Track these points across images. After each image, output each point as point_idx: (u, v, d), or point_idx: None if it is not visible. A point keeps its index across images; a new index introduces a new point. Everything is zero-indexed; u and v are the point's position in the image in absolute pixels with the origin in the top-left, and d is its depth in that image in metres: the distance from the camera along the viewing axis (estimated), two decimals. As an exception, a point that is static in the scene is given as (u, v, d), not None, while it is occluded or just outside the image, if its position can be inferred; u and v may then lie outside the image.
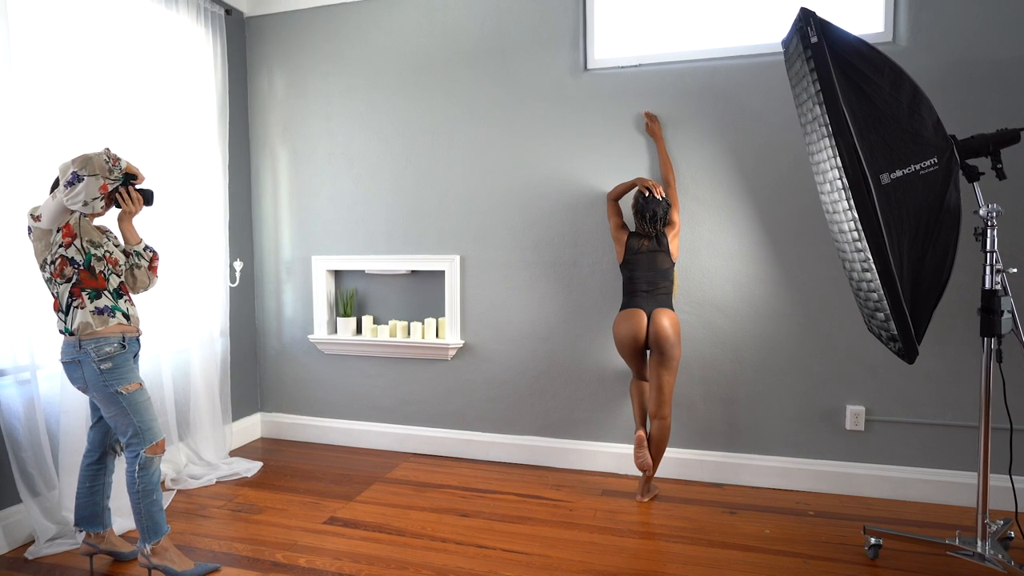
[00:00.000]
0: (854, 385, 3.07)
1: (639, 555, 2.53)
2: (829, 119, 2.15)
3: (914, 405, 3.00)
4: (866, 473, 3.06)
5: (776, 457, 3.19)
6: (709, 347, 3.25)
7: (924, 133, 2.16)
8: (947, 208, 2.14)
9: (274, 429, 4.10)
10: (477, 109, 3.54)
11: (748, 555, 2.50)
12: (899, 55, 2.82)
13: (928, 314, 2.20)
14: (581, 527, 2.77)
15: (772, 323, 3.16)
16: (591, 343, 3.42)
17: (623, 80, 3.29)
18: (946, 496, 2.94)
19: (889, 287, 2.14)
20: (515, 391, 3.58)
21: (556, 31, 3.37)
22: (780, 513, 2.89)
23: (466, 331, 3.65)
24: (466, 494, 3.15)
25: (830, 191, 2.41)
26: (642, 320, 2.95)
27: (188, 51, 3.38)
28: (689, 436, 3.30)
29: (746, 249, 3.18)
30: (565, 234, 3.43)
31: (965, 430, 2.90)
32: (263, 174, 4.00)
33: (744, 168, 3.15)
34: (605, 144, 3.34)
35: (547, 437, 3.55)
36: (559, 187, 3.42)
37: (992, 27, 2.81)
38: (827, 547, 2.55)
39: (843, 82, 2.14)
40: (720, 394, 3.26)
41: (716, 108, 3.17)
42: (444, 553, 2.54)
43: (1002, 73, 2.80)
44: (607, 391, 3.42)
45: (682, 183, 3.22)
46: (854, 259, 2.37)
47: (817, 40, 2.14)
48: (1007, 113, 2.67)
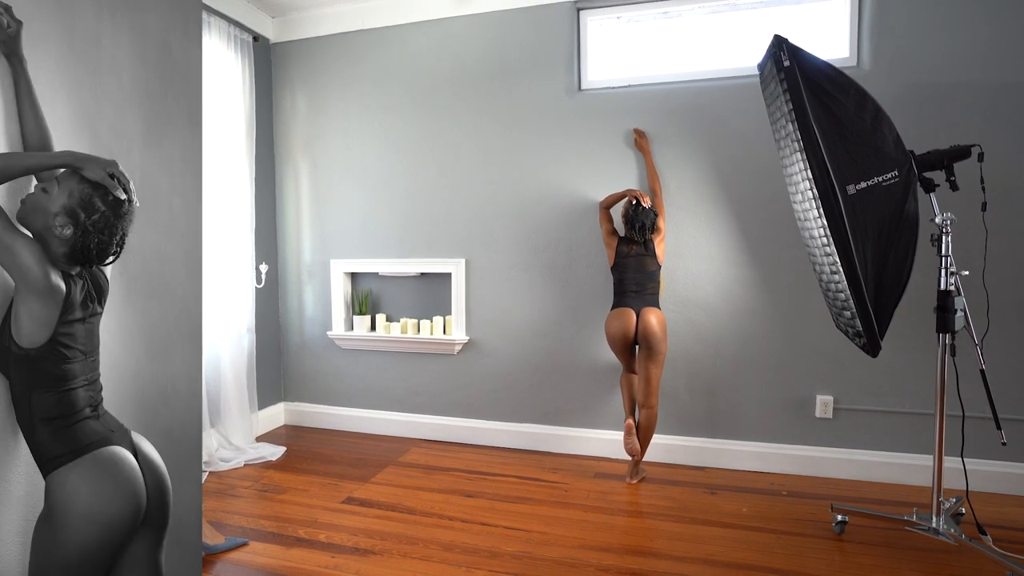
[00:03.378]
0: (823, 377, 3.09)
1: (629, 531, 2.54)
2: (800, 135, 2.16)
3: (877, 395, 3.02)
4: (833, 457, 3.07)
5: (753, 442, 3.20)
6: (692, 343, 3.26)
7: (886, 148, 2.17)
8: (907, 216, 2.15)
9: (296, 417, 4.11)
10: (481, 125, 3.55)
11: (727, 531, 2.51)
12: (863, 78, 2.84)
13: (890, 312, 2.21)
14: (576, 506, 2.77)
15: (749, 320, 3.18)
16: (585, 339, 3.44)
17: (614, 99, 3.31)
18: (905, 477, 2.95)
19: (855, 288, 2.15)
20: (515, 383, 3.59)
21: (553, 54, 3.39)
22: (756, 493, 2.90)
23: (471, 328, 3.66)
24: (471, 476, 3.16)
25: (801, 200, 2.42)
26: (631, 318, 2.97)
27: (220, 74, 3.40)
28: (674, 424, 3.31)
29: (726, 253, 3.20)
30: (561, 239, 3.44)
31: (922, 417, 2.91)
32: (286, 185, 4.01)
33: (724, 179, 3.17)
34: (598, 157, 3.35)
35: (545, 425, 3.56)
36: (556, 196, 3.44)
37: (945, 54, 2.83)
38: (798, 524, 2.57)
39: (813, 102, 2.14)
40: (702, 385, 3.27)
41: (698, 125, 3.18)
42: (451, 530, 2.55)
43: (954, 95, 2.83)
44: (599, 383, 3.43)
45: (668, 193, 3.24)
46: (823, 262, 2.38)
47: (789, 64, 2.16)
48: (959, 131, 2.69)
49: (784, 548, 2.36)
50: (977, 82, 2.80)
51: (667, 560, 2.29)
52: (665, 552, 2.35)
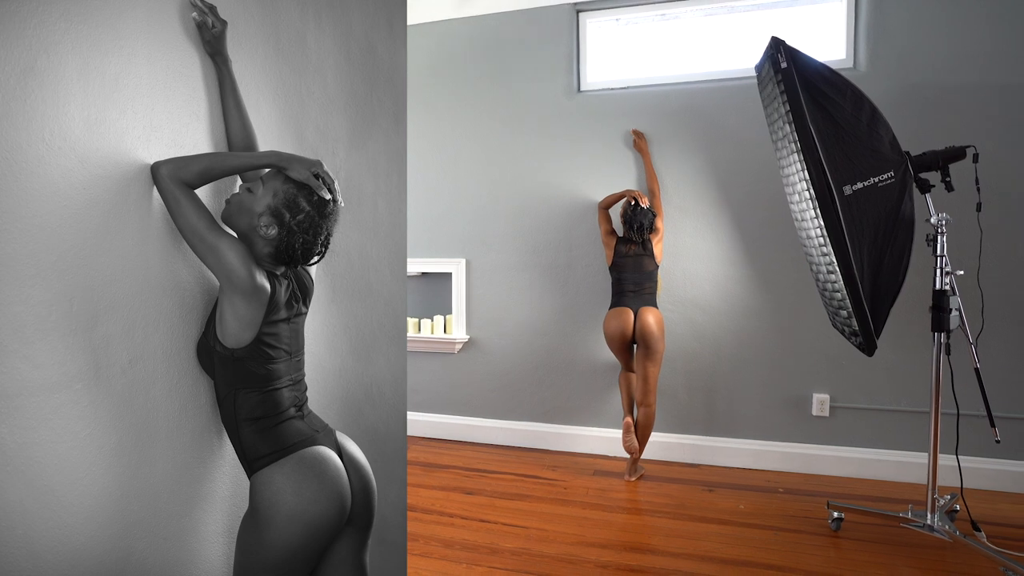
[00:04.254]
0: (820, 375, 3.10)
1: (627, 528, 2.56)
2: (798, 136, 2.17)
3: (873, 393, 3.03)
4: (830, 454, 3.09)
5: (750, 440, 3.22)
6: (691, 342, 3.28)
7: (882, 149, 2.19)
8: (902, 217, 2.17)
9: (296, 415, 4.11)
10: (482, 126, 3.57)
11: (724, 528, 2.53)
12: (859, 80, 2.86)
13: (886, 312, 2.22)
14: (574, 503, 2.79)
15: (747, 320, 3.20)
16: (584, 338, 3.45)
17: (613, 100, 3.33)
18: (900, 474, 2.97)
19: (851, 287, 2.16)
20: (515, 381, 3.61)
21: (552, 56, 3.41)
22: (753, 490, 2.92)
23: (471, 327, 3.67)
24: (470, 474, 3.17)
25: (799, 201, 2.44)
26: (630, 318, 2.99)
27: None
28: (672, 421, 3.33)
29: (724, 253, 3.21)
30: (561, 239, 3.46)
31: (918, 415, 2.93)
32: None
33: (721, 180, 3.19)
34: (597, 158, 3.37)
35: (544, 423, 3.57)
36: (555, 197, 3.46)
37: (940, 57, 2.85)
38: (795, 520, 2.58)
39: (810, 103, 2.15)
40: (700, 384, 3.29)
41: (696, 126, 3.20)
42: (451, 527, 2.56)
43: (949, 97, 2.85)
44: (598, 381, 3.45)
45: (666, 193, 3.25)
46: (820, 262, 2.40)
47: (787, 66, 2.17)
48: (954, 132, 2.71)
49: (781, 544, 2.38)
50: (973, 84, 2.82)
51: (665, 556, 2.31)
52: (663, 548, 2.37)
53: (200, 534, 1.15)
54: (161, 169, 1.02)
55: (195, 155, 1.06)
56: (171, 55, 1.09)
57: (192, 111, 1.13)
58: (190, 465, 1.13)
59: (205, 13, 1.12)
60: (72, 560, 0.91)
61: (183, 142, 1.11)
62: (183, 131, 1.11)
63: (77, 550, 0.92)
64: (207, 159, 1.05)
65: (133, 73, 1.01)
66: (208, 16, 1.12)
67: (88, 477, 0.94)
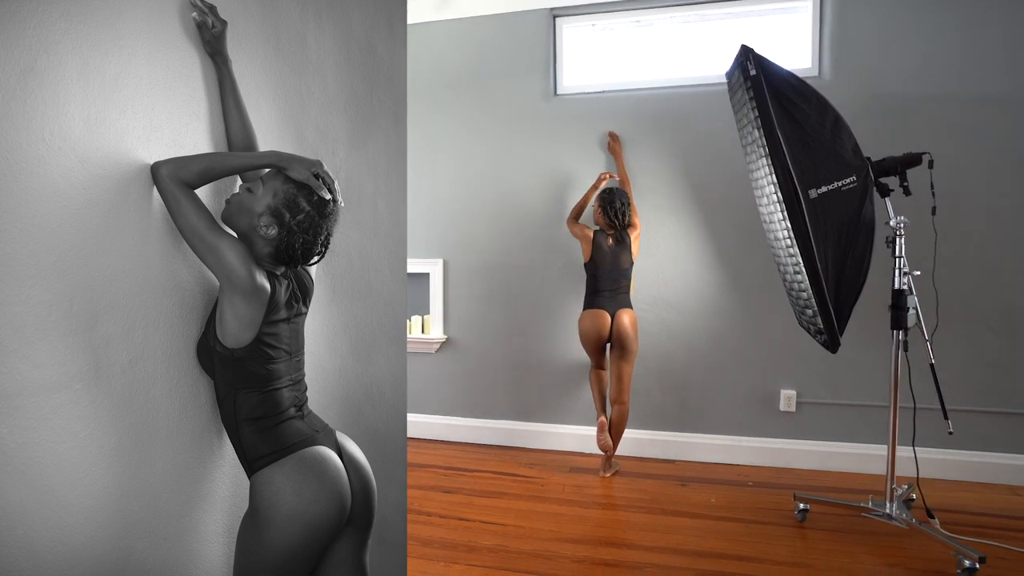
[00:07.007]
0: (787, 372, 3.21)
1: (602, 523, 2.61)
2: (766, 141, 2.24)
3: (837, 389, 3.15)
4: (797, 448, 3.20)
5: (721, 436, 3.31)
6: (663, 340, 3.36)
7: (845, 155, 2.28)
8: (864, 220, 2.26)
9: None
10: (459, 129, 3.58)
11: (696, 521, 2.60)
12: (824, 87, 2.96)
13: (848, 310, 2.31)
14: (551, 500, 2.82)
15: (717, 319, 3.29)
16: (559, 337, 3.50)
17: (589, 104, 3.39)
18: (862, 466, 3.09)
19: (816, 287, 2.25)
20: (492, 380, 3.63)
21: (530, 60, 3.45)
22: (724, 484, 3.00)
23: (449, 327, 3.69)
24: (449, 472, 3.18)
25: (767, 204, 2.51)
26: (606, 320, 3.04)
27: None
28: (646, 418, 3.39)
29: (696, 254, 3.30)
30: (537, 240, 3.50)
31: (878, 409, 3.04)
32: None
33: (693, 182, 3.28)
34: (572, 160, 3.42)
35: (520, 421, 3.60)
36: (532, 198, 3.50)
37: (900, 68, 3.00)
38: (763, 512, 2.67)
39: (777, 109, 2.23)
40: (672, 381, 3.37)
41: (670, 130, 3.28)
42: (429, 526, 2.57)
43: (908, 105, 2.99)
44: (573, 379, 3.50)
45: (640, 194, 3.32)
46: (787, 263, 2.48)
47: (756, 73, 2.24)
48: (912, 139, 2.82)
49: (750, 536, 2.46)
50: (930, 93, 2.97)
51: (639, 550, 2.36)
52: (637, 543, 2.42)
53: (200, 534, 1.15)
54: (161, 169, 1.02)
55: (195, 155, 1.06)
56: (171, 55, 1.09)
57: (192, 111, 1.13)
58: (190, 465, 1.13)
59: (205, 13, 1.12)
60: (72, 560, 0.91)
61: (183, 142, 1.11)
62: (183, 131, 1.11)
63: (77, 550, 0.92)
64: (207, 159, 1.05)
65: (133, 73, 1.01)
66: (208, 16, 1.13)
67: (88, 477, 0.94)
